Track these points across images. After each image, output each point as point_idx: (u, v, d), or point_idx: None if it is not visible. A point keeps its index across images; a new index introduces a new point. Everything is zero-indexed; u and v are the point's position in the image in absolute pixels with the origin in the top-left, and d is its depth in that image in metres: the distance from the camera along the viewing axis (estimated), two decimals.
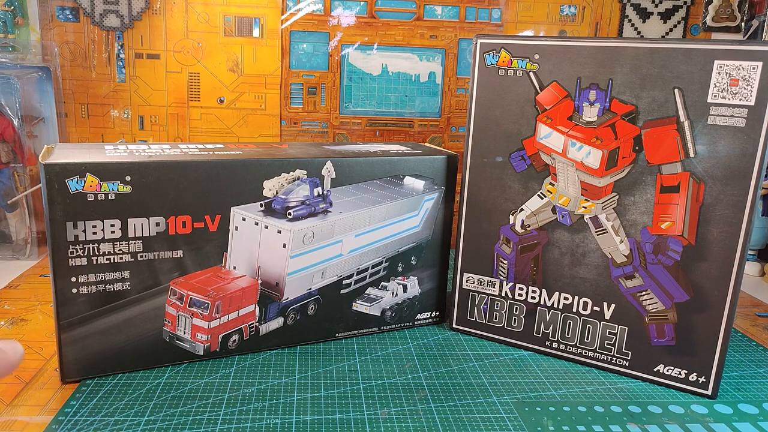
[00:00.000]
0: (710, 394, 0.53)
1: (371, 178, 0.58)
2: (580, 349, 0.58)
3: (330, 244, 0.57)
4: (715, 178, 0.50)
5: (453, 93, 0.92)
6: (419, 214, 0.61)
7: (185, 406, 0.48)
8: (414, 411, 0.48)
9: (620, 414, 0.49)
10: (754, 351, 0.63)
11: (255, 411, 0.47)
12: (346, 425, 0.46)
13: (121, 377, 0.51)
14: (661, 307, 0.54)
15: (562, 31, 0.91)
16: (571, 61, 0.53)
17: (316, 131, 0.91)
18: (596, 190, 0.54)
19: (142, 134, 0.89)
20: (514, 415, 0.48)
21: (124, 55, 0.86)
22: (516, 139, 0.57)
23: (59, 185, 0.46)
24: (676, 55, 0.49)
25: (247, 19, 0.86)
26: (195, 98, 0.88)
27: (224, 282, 0.53)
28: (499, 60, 0.56)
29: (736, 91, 0.48)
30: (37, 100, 0.82)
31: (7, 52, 0.81)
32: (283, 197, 0.54)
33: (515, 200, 0.58)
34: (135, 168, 0.48)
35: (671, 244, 0.52)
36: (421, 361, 0.57)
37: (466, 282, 0.62)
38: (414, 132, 0.93)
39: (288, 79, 0.89)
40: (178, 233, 0.51)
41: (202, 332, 0.53)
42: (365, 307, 0.61)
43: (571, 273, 0.57)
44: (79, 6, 0.83)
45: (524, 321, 0.60)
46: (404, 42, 0.89)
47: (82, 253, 0.48)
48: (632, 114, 0.52)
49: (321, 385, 0.52)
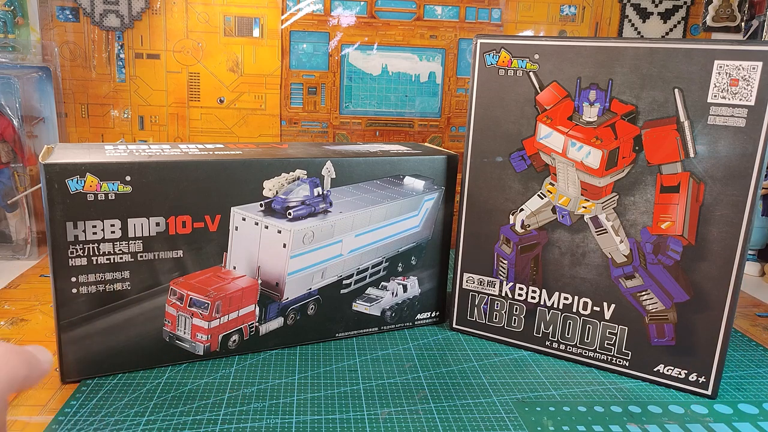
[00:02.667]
0: (710, 394, 0.53)
1: (371, 178, 0.58)
2: (580, 349, 0.58)
3: (330, 244, 0.57)
4: (715, 178, 0.50)
5: (453, 93, 0.92)
6: (419, 214, 0.61)
7: (185, 406, 0.48)
8: (414, 411, 0.48)
9: (620, 414, 0.49)
10: (754, 351, 0.63)
11: (255, 411, 0.47)
12: (346, 425, 0.46)
13: (121, 377, 0.51)
14: (661, 307, 0.54)
15: (562, 31, 0.91)
16: (571, 61, 0.53)
17: (316, 131, 0.91)
18: (596, 190, 0.54)
19: (142, 134, 0.89)
20: (514, 415, 0.48)
21: (124, 55, 0.86)
22: (516, 139, 0.57)
23: (59, 185, 0.46)
24: (676, 55, 0.49)
25: (247, 19, 0.86)
26: (195, 98, 0.88)
27: (224, 282, 0.53)
28: (499, 60, 0.56)
29: (736, 91, 0.48)
30: (37, 100, 0.82)
31: (7, 52, 0.81)
32: (283, 197, 0.54)
33: (515, 200, 0.58)
34: (135, 168, 0.48)
35: (671, 244, 0.52)
36: (421, 361, 0.57)
37: (466, 282, 0.62)
38: (414, 132, 0.93)
39: (288, 79, 0.89)
40: (178, 233, 0.51)
41: (202, 332, 0.53)
42: (365, 307, 0.61)
43: (571, 273, 0.57)
44: (79, 6, 0.83)
45: (524, 321, 0.60)
46: (404, 42, 0.89)
47: (82, 253, 0.48)
48: (632, 114, 0.52)
49: (321, 385, 0.52)
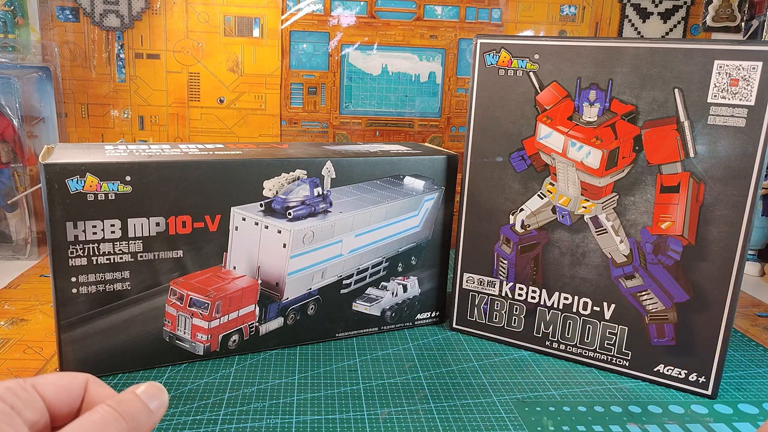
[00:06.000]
0: (710, 394, 0.53)
1: (371, 178, 0.58)
2: (580, 349, 0.58)
3: (330, 244, 0.57)
4: (715, 178, 0.50)
5: (453, 93, 0.92)
6: (419, 214, 0.61)
7: (185, 406, 0.48)
8: (414, 411, 0.48)
9: (620, 414, 0.49)
10: (754, 351, 0.63)
11: (255, 411, 0.47)
12: (346, 425, 0.46)
13: (121, 377, 0.51)
14: (661, 307, 0.54)
15: (562, 31, 0.91)
16: (571, 61, 0.53)
17: (316, 131, 0.91)
18: (596, 190, 0.54)
19: (142, 134, 0.89)
20: (514, 415, 0.48)
21: (124, 55, 0.86)
22: (516, 139, 0.57)
23: (59, 185, 0.46)
24: (676, 55, 0.49)
25: (247, 19, 0.86)
26: (195, 98, 0.88)
27: (224, 282, 0.53)
28: (499, 60, 0.56)
29: (736, 91, 0.48)
30: (37, 100, 0.82)
31: (7, 52, 0.81)
32: (283, 197, 0.54)
33: (515, 200, 0.58)
34: (135, 168, 0.48)
35: (671, 244, 0.52)
36: (421, 361, 0.57)
37: (466, 282, 0.62)
38: (414, 132, 0.93)
39: (288, 79, 0.89)
40: (178, 233, 0.51)
41: (202, 332, 0.53)
42: (365, 307, 0.61)
43: (571, 273, 0.57)
44: (79, 6, 0.83)
45: (524, 321, 0.60)
46: (404, 42, 0.89)
47: (82, 253, 0.48)
48: (632, 114, 0.52)
49: (321, 385, 0.52)
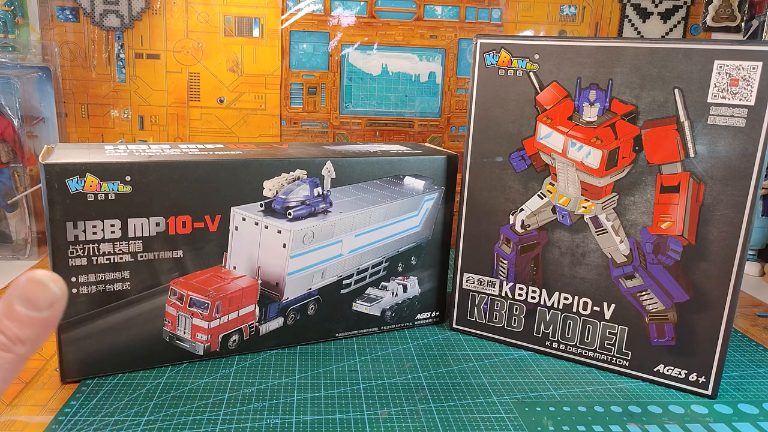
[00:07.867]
0: (710, 394, 0.53)
1: (371, 178, 0.58)
2: (580, 349, 0.58)
3: (330, 244, 0.57)
4: (715, 178, 0.50)
5: (453, 93, 0.92)
6: (419, 214, 0.61)
7: (185, 406, 0.48)
8: (414, 411, 0.48)
9: (620, 414, 0.49)
10: (754, 351, 0.63)
11: (255, 411, 0.47)
12: (346, 425, 0.46)
13: (121, 377, 0.51)
14: (661, 307, 0.54)
15: (562, 31, 0.91)
16: (571, 61, 0.53)
17: (316, 131, 0.91)
18: (596, 190, 0.54)
19: (142, 134, 0.89)
20: (514, 415, 0.48)
21: (124, 55, 0.86)
22: (516, 139, 0.57)
23: (59, 185, 0.46)
24: (676, 55, 0.49)
25: (247, 19, 0.86)
26: (195, 98, 0.88)
27: (224, 282, 0.53)
28: (499, 60, 0.56)
29: (736, 91, 0.48)
30: (37, 100, 0.82)
31: (7, 52, 0.81)
32: (283, 197, 0.54)
33: (515, 200, 0.58)
34: (135, 168, 0.48)
35: (671, 244, 0.52)
36: (421, 361, 0.57)
37: (466, 282, 0.62)
38: (414, 132, 0.93)
39: (288, 79, 0.89)
40: (178, 233, 0.51)
41: (202, 332, 0.53)
42: (365, 307, 0.61)
43: (571, 273, 0.57)
44: (79, 6, 0.83)
45: (524, 321, 0.60)
46: (404, 42, 0.89)
47: (82, 253, 0.48)
48: (632, 114, 0.52)
49: (321, 385, 0.52)
